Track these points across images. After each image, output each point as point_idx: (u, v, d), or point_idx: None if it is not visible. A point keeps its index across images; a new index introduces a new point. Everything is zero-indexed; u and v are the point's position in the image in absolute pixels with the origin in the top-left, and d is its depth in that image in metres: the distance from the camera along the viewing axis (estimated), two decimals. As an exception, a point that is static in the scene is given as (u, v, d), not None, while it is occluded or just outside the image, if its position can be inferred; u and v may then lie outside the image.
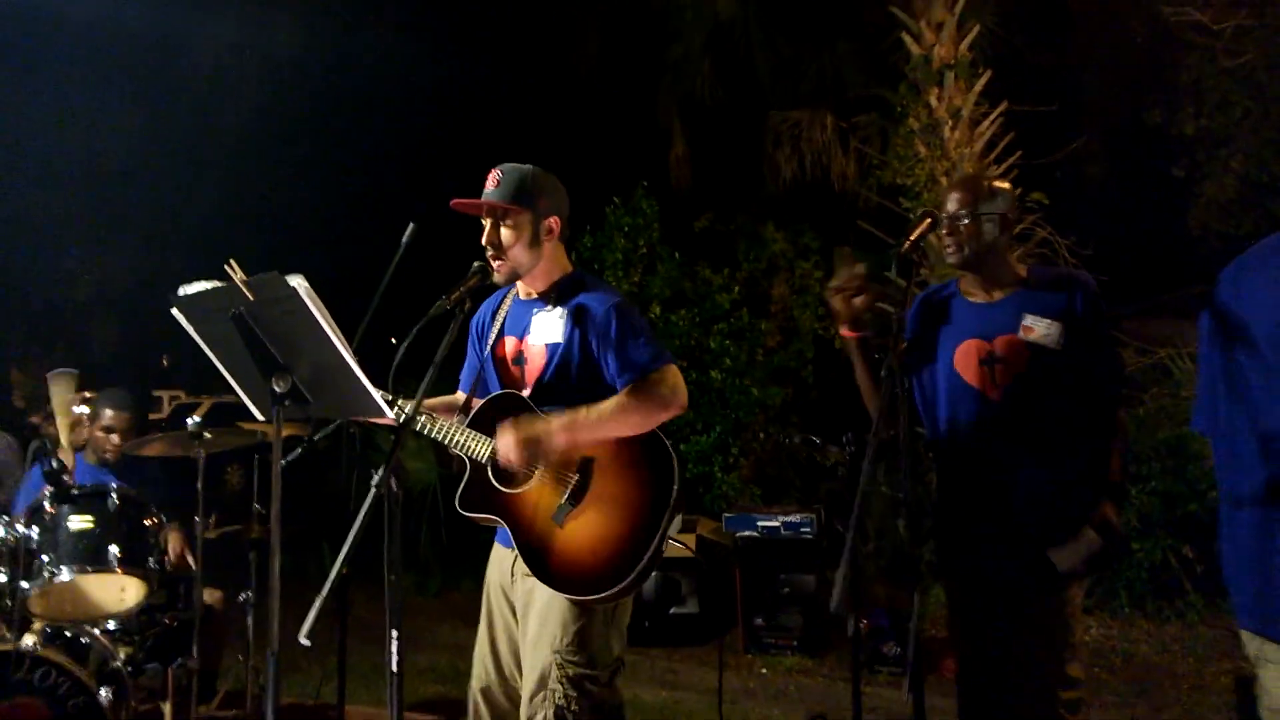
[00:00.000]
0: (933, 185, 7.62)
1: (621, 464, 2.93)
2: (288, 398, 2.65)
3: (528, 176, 3.06)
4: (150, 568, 3.96)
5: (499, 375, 3.17)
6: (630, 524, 2.87)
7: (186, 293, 2.72)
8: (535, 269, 3.09)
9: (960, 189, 3.14)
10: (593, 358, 2.99)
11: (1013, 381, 3.00)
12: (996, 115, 7.70)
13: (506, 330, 3.18)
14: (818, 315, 8.42)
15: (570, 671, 2.87)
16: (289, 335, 2.57)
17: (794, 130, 9.16)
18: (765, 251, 8.62)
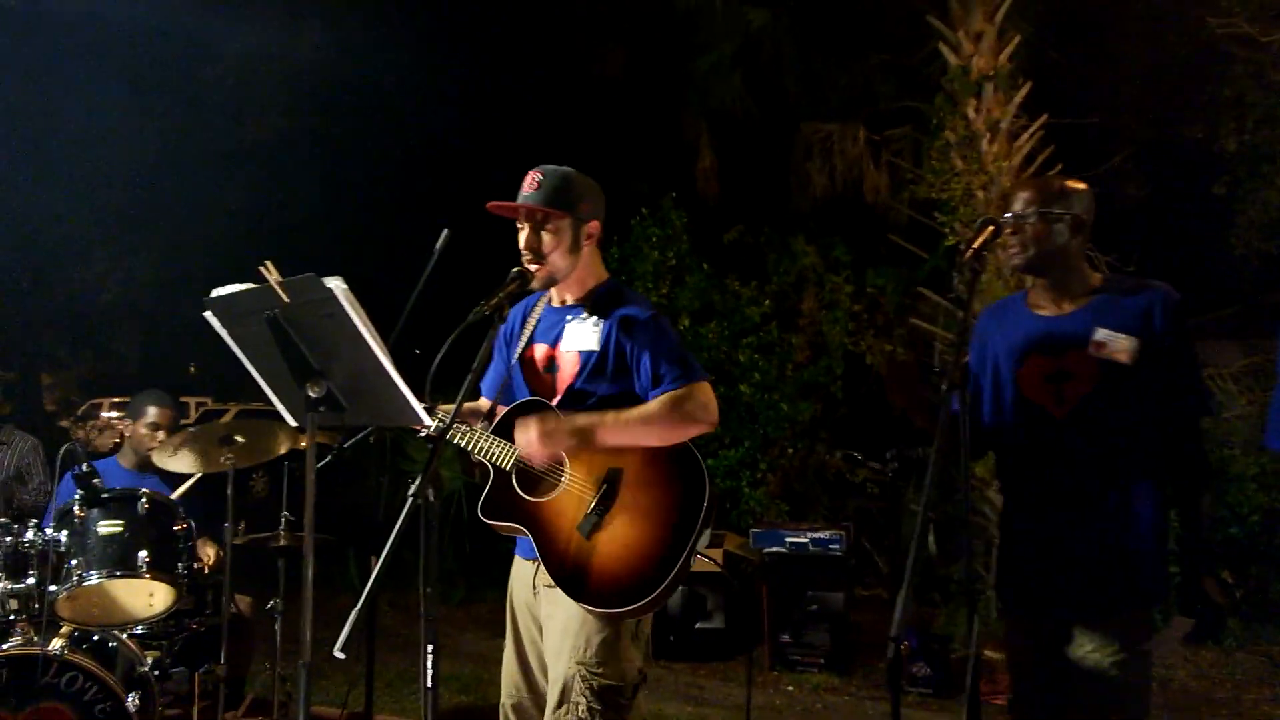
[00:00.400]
0: (969, 199, 7.52)
1: (651, 476, 2.87)
2: (323, 404, 2.61)
3: (569, 179, 3.01)
4: (179, 573, 3.94)
5: (528, 382, 3.12)
6: (658, 537, 2.81)
7: (219, 294, 2.68)
8: (572, 275, 3.04)
9: (1028, 187, 2.95)
10: (626, 368, 2.94)
11: (1081, 401, 2.82)
12: (1036, 128, 7.58)
13: (537, 337, 3.13)
14: (847, 330, 8.35)
15: (594, 684, 2.82)
16: (325, 339, 2.53)
17: (825, 143, 9.11)
18: (795, 265, 8.55)
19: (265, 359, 2.70)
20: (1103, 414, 2.79)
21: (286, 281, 2.47)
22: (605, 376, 2.95)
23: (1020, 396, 2.90)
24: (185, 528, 4.04)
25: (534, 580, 3.01)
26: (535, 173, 3.05)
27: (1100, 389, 2.79)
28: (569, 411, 2.95)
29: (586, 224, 3.02)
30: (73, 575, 3.79)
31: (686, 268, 8.07)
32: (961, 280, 2.65)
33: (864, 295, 8.49)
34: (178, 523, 4.00)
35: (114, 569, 3.81)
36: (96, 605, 3.89)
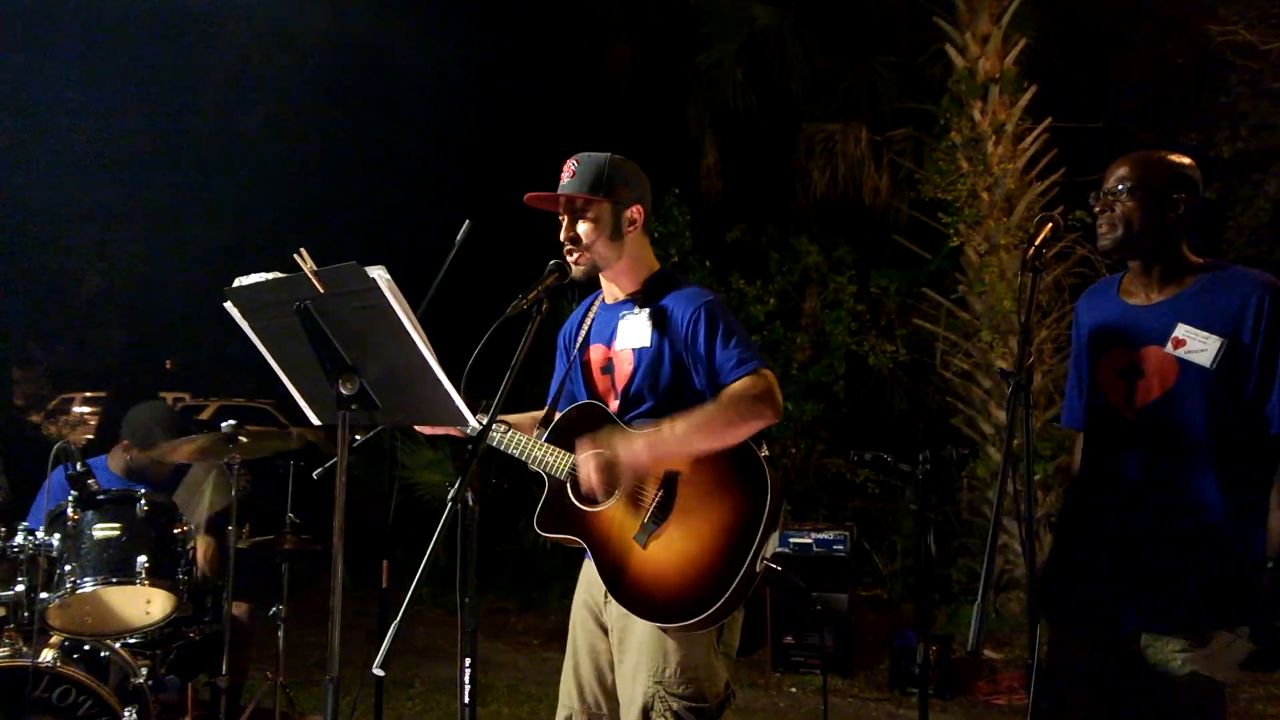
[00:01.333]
0: (974, 200, 7.41)
1: (708, 478, 2.65)
2: (355, 401, 2.38)
3: (606, 164, 2.81)
4: (179, 579, 3.67)
5: (586, 385, 2.91)
6: (719, 544, 2.59)
7: (243, 284, 2.45)
8: (619, 265, 2.84)
9: (1125, 162, 2.62)
10: (682, 363, 2.72)
11: (1153, 402, 2.56)
12: (1040, 131, 7.47)
13: (593, 337, 2.93)
14: (850, 330, 8.19)
15: (674, 705, 2.59)
16: (361, 332, 2.29)
17: (827, 143, 8.95)
18: (798, 264, 8.39)
19: (290, 353, 2.47)
20: (1175, 419, 2.52)
21: (323, 270, 2.23)
22: (661, 372, 2.74)
23: (1096, 390, 2.67)
24: (185, 530, 3.77)
25: (606, 590, 2.77)
26: (571, 161, 2.84)
27: (1174, 392, 2.53)
28: (628, 415, 2.76)
29: (628, 209, 2.82)
30: (66, 582, 3.50)
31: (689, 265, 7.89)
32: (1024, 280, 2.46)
33: (867, 295, 8.34)
34: (177, 525, 3.73)
35: (110, 575, 3.53)
36: (90, 614, 3.60)
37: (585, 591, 2.89)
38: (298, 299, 2.30)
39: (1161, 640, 2.53)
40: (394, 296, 2.18)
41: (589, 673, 2.84)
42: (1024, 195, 7.42)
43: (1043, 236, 2.47)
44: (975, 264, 7.47)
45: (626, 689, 2.70)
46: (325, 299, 2.28)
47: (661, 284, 2.85)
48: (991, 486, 7.28)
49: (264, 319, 2.46)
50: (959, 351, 7.64)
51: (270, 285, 2.41)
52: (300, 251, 2.26)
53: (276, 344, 2.51)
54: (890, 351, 8.15)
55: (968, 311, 7.61)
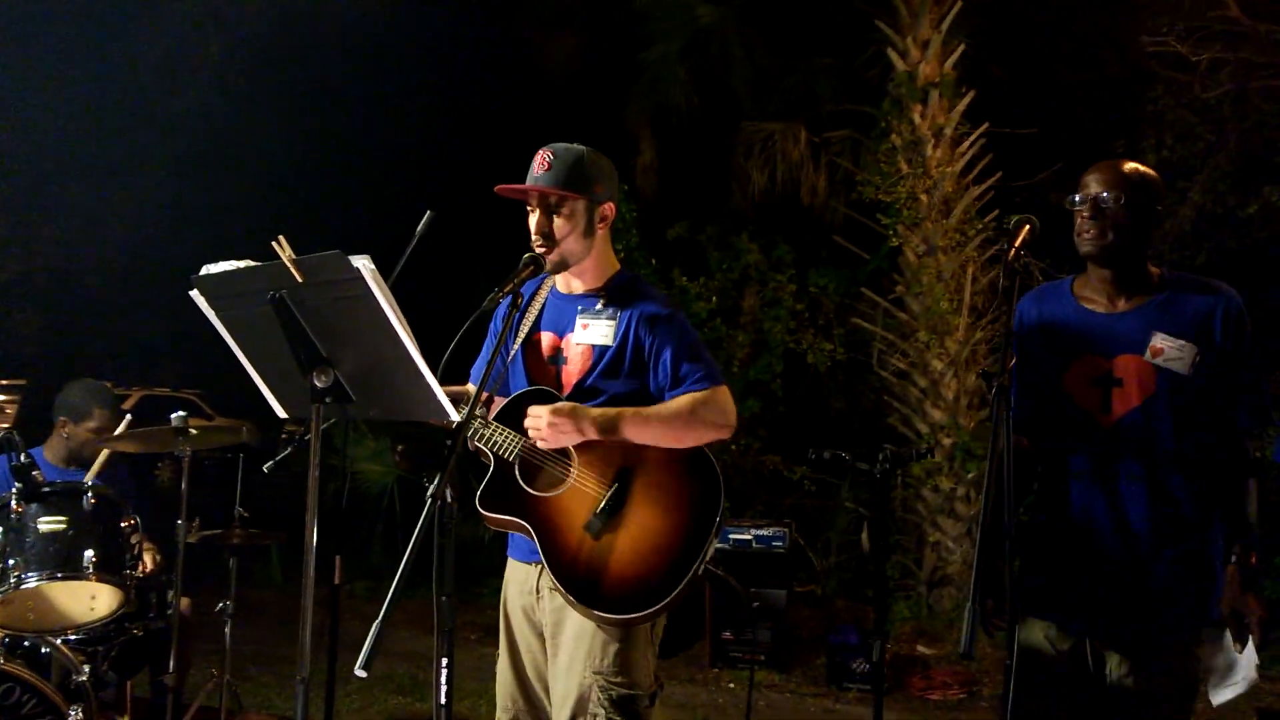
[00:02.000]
0: (913, 203, 7.52)
1: (664, 477, 2.69)
2: (329, 394, 2.34)
3: (583, 158, 2.79)
4: (126, 575, 3.55)
5: (529, 371, 2.89)
6: (670, 541, 2.63)
7: (212, 271, 2.40)
8: (585, 261, 2.83)
9: (1108, 169, 2.65)
10: (642, 366, 2.75)
11: (1132, 410, 2.61)
12: (978, 136, 7.61)
13: (544, 324, 2.91)
14: (788, 328, 8.25)
15: (613, 694, 2.63)
16: (339, 324, 2.27)
17: (767, 142, 8.98)
18: (738, 263, 8.43)
19: (260, 344, 2.43)
20: (1154, 427, 2.59)
21: (303, 259, 2.19)
22: (620, 374, 2.75)
23: (1063, 397, 2.69)
24: (131, 524, 3.66)
25: (536, 583, 2.78)
26: (545, 152, 2.81)
27: (1153, 399, 2.59)
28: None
29: (601, 206, 2.81)
30: (9, 577, 3.37)
31: (635, 262, 7.87)
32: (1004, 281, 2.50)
33: (806, 294, 8.40)
34: (125, 519, 3.62)
35: (56, 570, 3.41)
36: (33, 609, 3.47)
37: (515, 590, 2.89)
38: (273, 288, 2.26)
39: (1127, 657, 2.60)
40: (378, 287, 2.15)
41: (528, 672, 2.85)
42: (961, 198, 7.55)
43: (1022, 238, 2.51)
44: (913, 265, 7.59)
45: (561, 683, 2.72)
46: (303, 289, 2.25)
47: (628, 286, 2.86)
48: (926, 484, 7.40)
49: (233, 309, 2.41)
50: (896, 351, 7.75)
51: (242, 274, 2.37)
52: (279, 239, 2.22)
53: (245, 334, 2.46)
54: (828, 350, 8.22)
55: (905, 312, 7.72)
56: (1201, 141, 8.71)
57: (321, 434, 3.36)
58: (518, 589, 2.87)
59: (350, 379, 2.34)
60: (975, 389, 7.37)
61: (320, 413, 2.35)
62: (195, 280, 2.37)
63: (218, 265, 2.40)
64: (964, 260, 7.48)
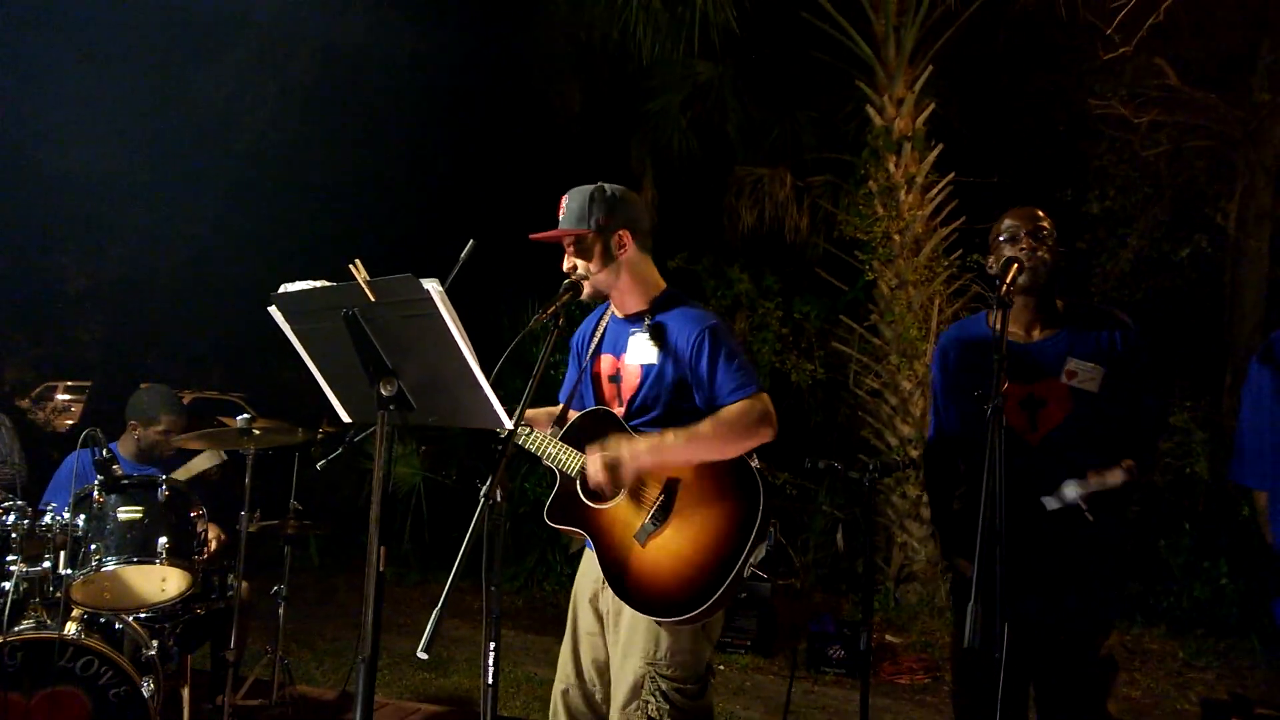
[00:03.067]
0: (887, 241, 7.54)
1: (707, 487, 2.63)
2: (393, 402, 2.31)
3: (586, 197, 2.76)
4: (194, 560, 3.51)
5: (595, 391, 2.87)
6: (712, 548, 2.57)
7: (290, 290, 2.38)
8: (621, 285, 2.79)
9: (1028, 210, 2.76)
10: (684, 381, 2.69)
11: (1054, 428, 2.67)
12: (945, 184, 7.64)
13: (604, 347, 2.89)
14: (775, 350, 8.26)
15: (663, 684, 2.57)
16: (405, 339, 2.24)
17: (756, 184, 9.00)
18: (731, 290, 8.44)
19: (330, 355, 2.41)
20: (1074, 440, 2.65)
21: (377, 281, 2.17)
22: (667, 389, 2.71)
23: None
24: (200, 513, 3.62)
25: (602, 578, 2.74)
26: (564, 198, 2.80)
27: (1072, 417, 2.66)
28: (633, 423, 2.72)
29: (613, 235, 2.75)
30: (91, 560, 3.32)
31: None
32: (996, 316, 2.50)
33: (790, 320, 8.41)
34: (194, 509, 3.58)
35: (132, 555, 3.36)
36: (109, 590, 3.42)
37: (585, 578, 2.86)
38: (347, 306, 2.23)
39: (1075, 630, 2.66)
40: (445, 307, 2.13)
41: (583, 651, 2.81)
42: (930, 238, 7.58)
43: (1011, 275, 2.52)
44: (887, 296, 7.60)
45: (618, 667, 2.67)
46: (374, 307, 2.22)
47: (668, 304, 2.82)
48: (895, 492, 7.39)
49: (307, 323, 2.39)
50: (870, 373, 7.75)
51: (319, 292, 2.34)
52: (355, 262, 2.20)
53: (316, 346, 2.44)
54: (810, 370, 8.25)
55: (879, 338, 7.73)
56: (1140, 193, 8.81)
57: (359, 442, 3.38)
58: (587, 578, 2.84)
59: (412, 388, 2.31)
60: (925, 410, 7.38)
61: (385, 419, 2.32)
62: (274, 297, 2.35)
63: (295, 284, 2.38)
64: (932, 293, 7.50)
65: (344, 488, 8.46)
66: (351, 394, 2.45)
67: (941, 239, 7.60)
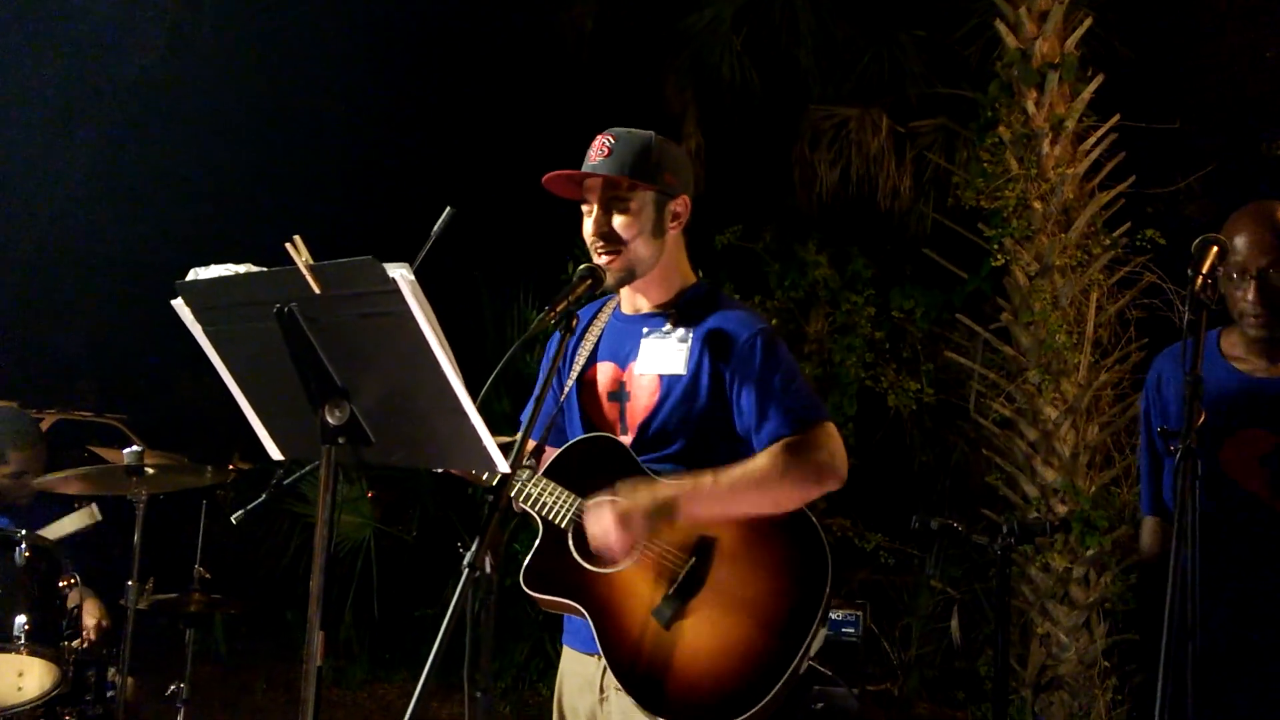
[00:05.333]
0: (1023, 211, 7.48)
1: (753, 548, 2.66)
2: (342, 434, 2.32)
3: (650, 143, 2.82)
4: (63, 647, 3.54)
5: (586, 413, 2.90)
6: (762, 631, 2.59)
7: (202, 276, 2.40)
8: (654, 270, 2.84)
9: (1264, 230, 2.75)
10: (723, 401, 2.73)
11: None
12: (1106, 130, 7.57)
13: (602, 353, 2.93)
14: (864, 362, 8.22)
15: None
16: (364, 347, 2.27)
17: (840, 130, 8.97)
18: (804, 278, 8.42)
19: (257, 367, 2.43)
20: None
21: (322, 266, 2.18)
22: (695, 409, 2.74)
23: (1219, 476, 2.71)
24: (71, 582, 3.65)
25: (600, 681, 2.75)
26: (605, 136, 2.84)
27: None
28: (644, 456, 2.74)
29: (672, 201, 2.84)
30: (-77, 646, 3.36)
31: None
32: (1190, 316, 2.48)
33: (887, 320, 8.38)
34: (64, 576, 3.61)
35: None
36: (-53, 687, 3.46)
37: (573, 683, 2.88)
38: (281, 299, 2.24)
39: None
40: (418, 303, 2.13)
41: None
42: (1085, 207, 7.51)
43: (1209, 262, 2.50)
44: (1023, 288, 7.54)
45: None
46: (320, 301, 2.23)
47: (705, 300, 2.87)
48: (1034, 562, 7.34)
49: (225, 322, 2.41)
50: (999, 394, 7.70)
51: (243, 281, 2.37)
52: (294, 240, 2.21)
53: (237, 355, 2.46)
54: (914, 391, 8.20)
55: (1011, 346, 7.68)
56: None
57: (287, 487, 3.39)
58: (578, 685, 2.85)
59: (371, 415, 2.32)
60: (1099, 444, 7.31)
61: (332, 456, 2.33)
62: (180, 286, 2.37)
63: (209, 269, 2.40)
64: (1087, 283, 7.42)
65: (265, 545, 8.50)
66: (284, 421, 2.48)
67: (1101, 207, 7.54)
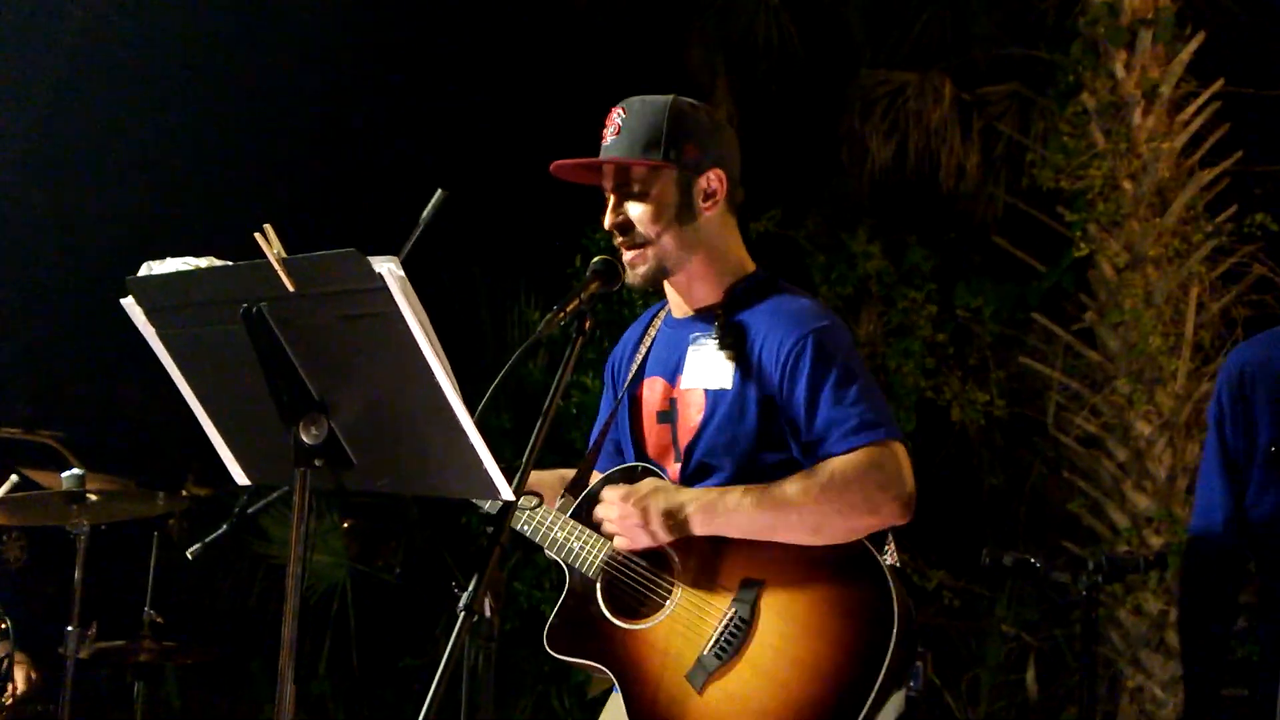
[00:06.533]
0: (1111, 192, 7.50)
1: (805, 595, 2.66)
2: (320, 454, 2.33)
3: (666, 111, 2.81)
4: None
5: (634, 436, 2.93)
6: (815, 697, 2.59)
7: (156, 271, 2.43)
8: (692, 263, 2.84)
9: None
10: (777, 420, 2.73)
11: None
12: (1209, 97, 7.59)
13: (650, 368, 2.95)
14: (925, 368, 8.21)
15: None
16: (344, 353, 2.30)
17: (895, 99, 8.98)
18: (853, 272, 8.42)
19: (218, 377, 2.46)
20: None
21: (296, 260, 2.20)
22: (742, 433, 2.75)
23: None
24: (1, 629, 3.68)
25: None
26: (618, 109, 2.87)
27: None
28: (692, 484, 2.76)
29: (702, 175, 2.82)
30: None
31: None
32: None
33: (950, 320, 8.38)
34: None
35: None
36: None
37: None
38: (249, 297, 2.26)
39: None
40: (408, 302, 2.14)
41: None
42: (1183, 188, 7.53)
43: None
44: (1111, 282, 7.56)
45: None
46: (293, 301, 2.25)
47: (757, 294, 2.86)
48: (1124, 604, 7.33)
49: (183, 324, 2.44)
50: (1082, 408, 7.71)
51: (202, 277, 2.39)
52: (265, 229, 2.22)
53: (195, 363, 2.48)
54: (982, 403, 8.21)
55: (1097, 350, 7.69)
56: None
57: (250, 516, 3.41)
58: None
59: (352, 433, 2.34)
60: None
61: (307, 480, 2.34)
62: (132, 283, 2.39)
63: (166, 262, 2.42)
64: (1185, 277, 7.45)
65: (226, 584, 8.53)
66: (251, 440, 2.51)
67: (1202, 187, 7.56)
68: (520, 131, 9.14)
